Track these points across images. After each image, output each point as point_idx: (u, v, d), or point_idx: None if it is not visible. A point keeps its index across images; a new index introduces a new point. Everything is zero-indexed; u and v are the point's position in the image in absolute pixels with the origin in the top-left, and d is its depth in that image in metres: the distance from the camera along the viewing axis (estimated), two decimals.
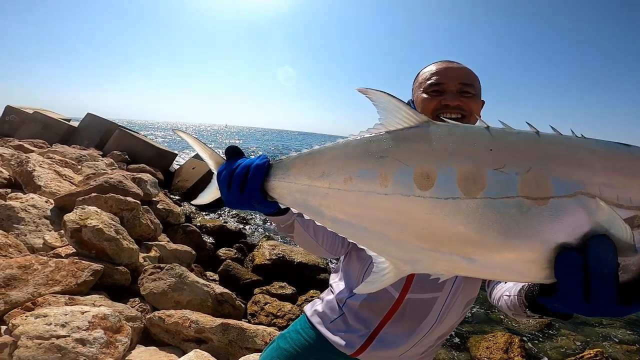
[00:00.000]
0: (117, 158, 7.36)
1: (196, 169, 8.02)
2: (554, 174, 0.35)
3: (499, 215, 0.37)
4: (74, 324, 1.35)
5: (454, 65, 0.88)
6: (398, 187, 0.43)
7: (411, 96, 0.96)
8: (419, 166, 0.42)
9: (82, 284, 1.88)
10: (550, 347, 3.84)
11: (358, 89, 0.52)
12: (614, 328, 4.39)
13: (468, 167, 0.39)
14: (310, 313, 0.97)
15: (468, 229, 0.38)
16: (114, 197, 3.14)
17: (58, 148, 6.08)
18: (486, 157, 0.38)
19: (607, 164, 0.35)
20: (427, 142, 0.43)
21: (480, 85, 0.91)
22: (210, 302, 2.57)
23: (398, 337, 0.85)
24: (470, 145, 0.40)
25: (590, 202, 0.34)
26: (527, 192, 0.36)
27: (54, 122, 9.31)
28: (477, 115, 0.88)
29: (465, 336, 3.81)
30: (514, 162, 0.37)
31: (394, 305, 0.84)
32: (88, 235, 2.39)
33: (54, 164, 4.44)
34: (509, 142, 0.38)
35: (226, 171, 0.65)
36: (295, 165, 0.57)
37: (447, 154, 0.40)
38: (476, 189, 0.38)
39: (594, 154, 0.36)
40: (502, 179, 0.37)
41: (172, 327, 1.93)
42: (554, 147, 0.37)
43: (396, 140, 0.46)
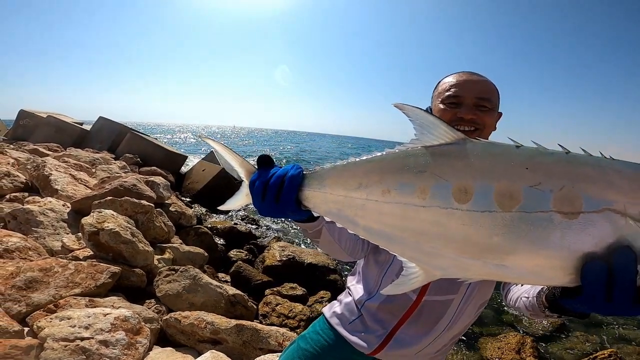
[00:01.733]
0: (129, 161, 7.48)
1: (206, 171, 8.11)
2: (585, 192, 0.39)
3: (533, 227, 0.40)
4: (97, 326, 1.38)
5: (474, 78, 0.90)
6: (436, 200, 0.45)
7: (430, 104, 0.98)
8: (457, 181, 0.44)
9: (100, 286, 1.93)
10: (563, 348, 3.80)
11: (395, 104, 0.53)
12: (626, 329, 4.33)
13: (505, 184, 0.42)
14: (329, 315, 1.00)
15: (503, 239, 0.41)
16: (129, 200, 3.20)
17: (72, 152, 6.22)
18: (522, 174, 0.41)
19: (632, 184, 0.39)
20: (464, 158, 0.45)
21: (499, 97, 0.92)
22: (224, 304, 2.59)
23: (414, 337, 0.88)
24: (507, 163, 0.43)
25: (616, 217, 0.38)
26: (560, 207, 0.39)
27: (67, 126, 9.51)
28: (492, 128, 0.91)
29: (476, 336, 3.79)
30: (548, 180, 0.40)
31: (411, 307, 0.87)
32: (105, 238, 2.44)
33: (70, 167, 4.54)
34: (544, 162, 0.42)
35: (259, 181, 0.65)
36: (331, 177, 0.59)
37: (485, 170, 0.43)
38: (512, 203, 0.41)
39: (620, 174, 0.39)
40: (536, 195, 0.40)
41: (188, 328, 1.96)
42: (585, 168, 0.40)
43: (434, 155, 0.48)
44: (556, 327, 4.08)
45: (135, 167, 7.35)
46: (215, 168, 8.00)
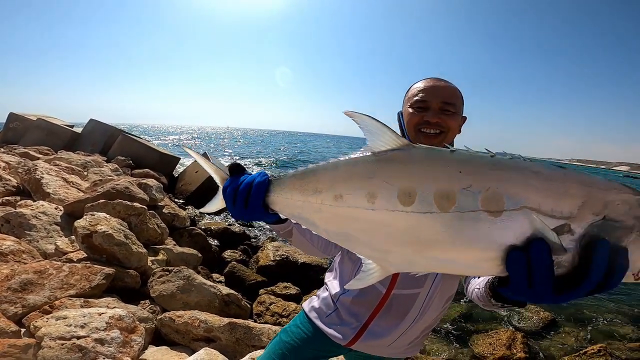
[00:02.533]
0: (121, 163, 7.44)
1: (199, 173, 8.10)
2: (506, 192, 0.45)
3: (466, 225, 0.46)
4: (93, 325, 1.42)
5: (440, 84, 0.97)
6: (384, 204, 0.51)
7: (402, 107, 1.05)
8: (402, 186, 0.50)
9: (95, 287, 1.96)
10: (553, 344, 3.85)
11: (345, 112, 0.59)
12: (616, 325, 4.41)
13: (443, 187, 0.47)
14: (308, 309, 1.08)
15: (443, 236, 0.48)
16: (122, 203, 3.22)
17: (63, 155, 6.18)
18: (457, 178, 0.47)
19: (546, 184, 0.45)
20: (408, 164, 0.51)
21: (463, 102, 1.00)
22: (217, 303, 2.64)
23: (386, 329, 0.95)
24: (444, 168, 0.48)
25: (532, 214, 0.44)
26: (487, 206, 0.45)
27: (58, 129, 9.41)
28: (456, 132, 0.99)
29: (468, 333, 3.84)
30: (477, 183, 0.46)
31: (381, 300, 0.95)
32: (99, 241, 2.47)
33: (61, 171, 4.53)
34: (474, 166, 0.48)
35: (230, 188, 0.71)
36: (292, 183, 0.64)
37: (426, 175, 0.49)
38: (449, 205, 0.47)
39: (536, 175, 0.45)
40: (468, 196, 0.46)
41: (182, 327, 2.00)
42: (507, 170, 0.46)
43: (381, 162, 0.53)
44: (546, 323, 4.16)
45: (128, 169, 7.31)
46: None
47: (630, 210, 0.44)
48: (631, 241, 0.44)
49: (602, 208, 0.44)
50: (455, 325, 3.99)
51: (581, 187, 0.44)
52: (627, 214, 0.43)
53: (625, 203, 0.44)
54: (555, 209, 0.43)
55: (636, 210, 0.44)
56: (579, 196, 0.44)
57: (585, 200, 0.44)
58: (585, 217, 0.43)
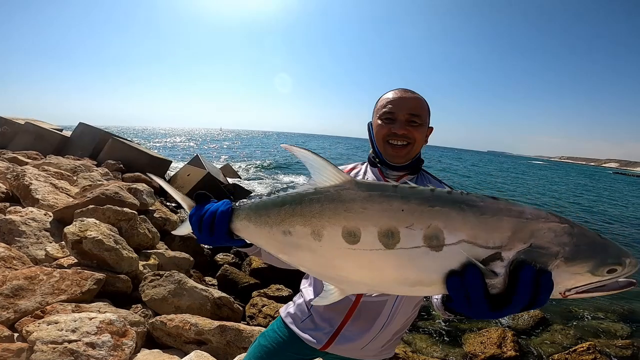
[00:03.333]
0: (111, 167, 7.38)
1: (191, 176, 8.09)
2: (445, 228, 0.50)
3: (412, 259, 0.51)
4: (84, 329, 1.45)
5: (407, 95, 1.02)
6: (329, 242, 0.55)
7: (372, 118, 1.10)
8: (344, 225, 0.53)
9: (86, 293, 1.98)
10: (543, 342, 3.92)
11: (283, 146, 0.65)
12: (605, 322, 4.49)
13: (386, 226, 0.51)
14: (284, 315, 1.13)
15: (389, 270, 0.53)
16: (112, 208, 3.22)
17: (52, 159, 6.12)
18: (399, 217, 0.51)
19: (480, 219, 0.50)
20: (351, 203, 0.54)
21: (429, 113, 1.05)
22: (209, 306, 2.66)
23: (357, 333, 1.00)
24: (387, 207, 0.52)
25: (468, 245, 0.49)
26: (429, 242, 0.50)
27: (47, 133, 9.30)
28: (423, 142, 1.04)
29: (460, 332, 3.89)
30: (418, 221, 0.51)
31: (352, 307, 0.99)
32: (89, 246, 2.48)
33: (50, 176, 4.50)
34: (414, 204, 0.51)
35: (195, 216, 0.76)
36: (248, 215, 0.69)
37: (369, 215, 0.53)
38: (394, 242, 0.51)
39: (472, 209, 0.50)
40: (410, 234, 0.51)
41: (174, 330, 2.03)
42: (446, 206, 0.51)
43: (324, 200, 0.56)
44: (537, 321, 4.22)
45: (119, 173, 7.26)
46: (200, 172, 8.00)
47: (555, 237, 0.49)
48: (555, 265, 0.50)
49: (529, 237, 0.49)
50: (446, 324, 4.04)
51: (511, 219, 0.49)
52: (552, 241, 0.49)
53: (551, 231, 0.49)
54: (489, 240, 0.49)
55: (561, 238, 0.49)
56: (509, 228, 0.49)
57: (515, 230, 0.49)
58: (514, 245, 0.49)
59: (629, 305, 5.07)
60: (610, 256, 0.50)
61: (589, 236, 0.51)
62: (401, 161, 1.04)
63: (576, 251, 0.49)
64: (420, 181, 1.09)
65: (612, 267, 0.50)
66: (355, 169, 1.16)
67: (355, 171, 1.15)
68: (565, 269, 0.50)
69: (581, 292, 0.53)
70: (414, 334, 3.78)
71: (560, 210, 13.72)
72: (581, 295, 0.53)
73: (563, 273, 0.50)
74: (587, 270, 0.50)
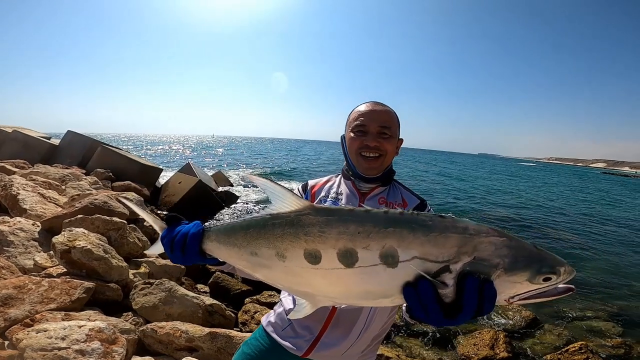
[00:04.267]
0: (101, 176, 7.30)
1: (183, 183, 8.05)
2: (399, 247, 0.55)
3: (371, 276, 0.57)
4: (73, 336, 1.45)
5: (377, 108, 1.07)
6: (293, 263, 0.60)
7: (344, 132, 1.14)
8: (305, 248, 0.59)
9: (75, 301, 1.98)
10: (535, 342, 3.95)
11: (246, 175, 0.73)
12: (596, 322, 4.55)
13: (344, 247, 0.57)
14: (266, 324, 1.16)
15: (351, 287, 0.59)
16: (100, 218, 3.21)
17: (40, 168, 6.04)
18: (356, 239, 0.56)
19: (430, 237, 0.55)
20: (310, 227, 0.59)
21: (399, 125, 1.10)
22: (201, 313, 2.67)
23: (337, 339, 1.03)
24: (344, 230, 0.57)
25: (419, 261, 0.55)
26: (385, 261, 0.56)
27: (35, 141, 9.16)
28: (394, 154, 1.10)
29: (453, 334, 3.91)
30: (374, 242, 0.56)
31: (329, 315, 1.03)
32: (77, 256, 2.47)
33: (38, 186, 4.45)
34: (370, 226, 0.57)
35: (167, 238, 0.80)
36: (217, 237, 0.74)
37: (328, 237, 0.58)
38: (353, 261, 0.57)
39: (422, 228, 0.56)
40: (367, 254, 0.56)
41: (165, 337, 2.04)
42: (398, 226, 0.56)
43: (285, 225, 0.62)
44: (528, 322, 4.26)
45: (108, 182, 7.18)
46: (191, 180, 7.96)
47: (496, 250, 0.55)
48: (497, 275, 0.55)
49: (473, 250, 0.54)
50: (439, 328, 4.09)
51: (456, 235, 0.55)
52: (492, 253, 0.55)
53: (492, 244, 0.55)
54: (438, 255, 0.55)
55: (501, 251, 0.55)
56: (455, 243, 0.55)
57: (460, 245, 0.55)
58: (460, 258, 0.55)
59: (619, 305, 5.16)
60: (545, 265, 0.56)
61: (526, 248, 0.57)
62: (374, 173, 1.08)
63: (515, 262, 0.55)
64: (392, 192, 1.13)
65: (547, 275, 0.56)
66: (330, 181, 1.19)
67: (329, 184, 1.18)
68: (506, 278, 0.55)
69: (524, 298, 0.58)
70: (407, 338, 3.79)
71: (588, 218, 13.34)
72: (525, 301, 0.58)
73: (504, 282, 0.55)
74: (526, 279, 0.55)
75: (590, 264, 7.25)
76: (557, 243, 8.81)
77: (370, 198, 1.11)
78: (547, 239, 9.15)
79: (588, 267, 6.99)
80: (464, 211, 12.56)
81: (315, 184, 1.20)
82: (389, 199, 1.11)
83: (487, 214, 12.20)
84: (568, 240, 9.31)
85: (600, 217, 13.81)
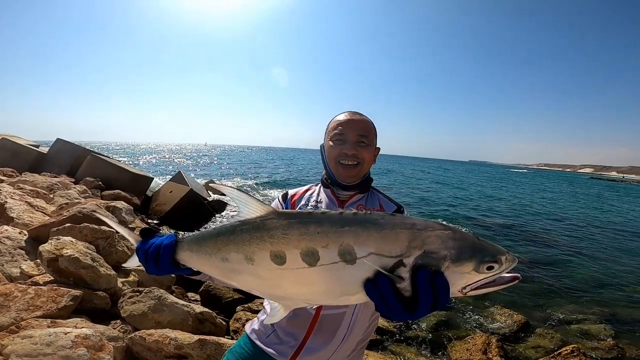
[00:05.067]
0: (90, 185, 7.21)
1: (174, 192, 7.98)
2: (355, 244, 0.58)
3: (333, 273, 0.60)
4: (59, 343, 1.43)
5: (355, 117, 1.11)
6: (261, 265, 0.64)
7: (323, 141, 1.17)
8: (271, 250, 0.62)
9: (62, 309, 1.95)
10: (528, 346, 3.96)
11: (214, 185, 0.73)
12: (588, 325, 4.57)
13: (306, 247, 0.60)
14: (249, 331, 1.16)
15: (316, 285, 0.62)
16: (89, 226, 3.18)
17: (28, 177, 5.96)
18: (316, 239, 0.60)
19: (382, 233, 0.58)
20: (274, 230, 0.63)
21: (376, 134, 1.14)
22: (191, 321, 2.64)
23: (321, 345, 1.04)
24: (305, 231, 0.61)
25: (376, 257, 0.58)
26: (343, 258, 0.59)
27: (23, 149, 9.03)
28: (371, 162, 1.13)
29: (446, 339, 3.94)
30: (332, 241, 0.59)
31: (312, 320, 1.05)
32: (65, 264, 2.44)
33: (25, 194, 4.39)
34: (327, 227, 0.60)
35: (141, 250, 0.83)
36: (190, 247, 0.77)
37: (290, 239, 0.61)
38: (314, 260, 0.60)
39: (375, 226, 0.58)
40: (327, 252, 0.59)
41: (153, 345, 2.02)
42: (353, 225, 0.59)
43: (252, 230, 0.65)
44: (520, 325, 4.28)
45: (97, 190, 7.10)
46: (183, 189, 7.90)
47: (442, 243, 0.57)
48: (446, 267, 0.57)
49: (422, 244, 0.57)
50: (432, 332, 4.09)
51: (406, 230, 0.58)
52: (440, 246, 0.57)
53: (439, 238, 0.58)
54: (392, 251, 0.58)
55: (447, 243, 0.58)
56: (405, 238, 0.57)
57: (410, 240, 0.57)
58: (412, 253, 0.57)
59: (611, 307, 5.21)
60: (487, 255, 0.58)
61: (469, 239, 0.60)
62: (352, 180, 1.11)
63: (460, 253, 0.57)
64: (370, 199, 1.16)
65: (489, 264, 0.58)
66: (310, 190, 1.22)
67: (309, 192, 1.21)
68: (454, 269, 0.57)
69: (475, 288, 0.60)
70: (400, 344, 3.79)
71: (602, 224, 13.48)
72: (477, 291, 0.61)
73: (454, 273, 0.58)
74: (472, 268, 0.58)
75: (581, 267, 7.35)
76: (551, 247, 8.90)
77: (349, 205, 1.13)
78: (546, 244, 9.24)
79: (580, 270, 7.08)
80: (467, 217, 12.62)
81: (295, 193, 1.22)
82: (367, 205, 1.14)
83: (487, 221, 12.24)
84: (562, 244, 9.44)
85: (593, 222, 14.05)
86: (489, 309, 4.75)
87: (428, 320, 4.32)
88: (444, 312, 4.53)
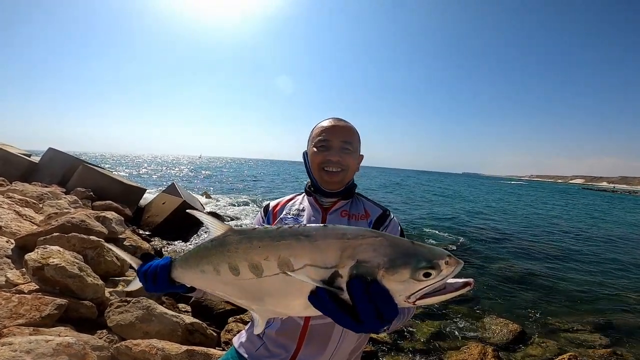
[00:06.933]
0: (81, 195, 7.11)
1: (167, 204, 7.90)
2: (292, 257, 0.59)
3: (275, 283, 0.62)
4: (39, 350, 1.39)
5: (340, 124, 1.10)
6: (225, 276, 0.69)
7: (307, 147, 1.16)
8: (229, 263, 0.67)
9: (46, 317, 1.89)
10: (524, 355, 3.92)
11: (188, 211, 0.84)
12: (584, 333, 4.55)
13: (252, 260, 0.64)
14: (238, 345, 1.13)
15: (268, 295, 0.65)
16: (77, 236, 3.14)
17: (18, 186, 5.86)
18: (259, 252, 0.63)
19: (315, 245, 0.58)
20: (229, 245, 0.68)
21: (360, 141, 1.14)
22: (181, 332, 2.58)
23: (313, 356, 1.01)
24: (251, 246, 0.64)
25: (311, 269, 0.58)
26: (283, 269, 0.60)
27: (14, 158, 8.91)
28: (355, 169, 1.13)
29: (441, 350, 3.88)
30: (272, 254, 0.61)
31: (302, 331, 1.02)
32: (51, 273, 2.39)
33: (14, 203, 4.32)
34: (266, 241, 0.63)
35: (141, 272, 0.92)
36: (180, 265, 0.85)
37: (241, 253, 0.66)
38: (259, 272, 0.63)
39: (307, 238, 0.59)
40: (269, 264, 0.62)
41: (140, 355, 1.96)
42: (288, 239, 0.61)
43: (217, 245, 0.71)
44: (516, 335, 4.24)
45: (89, 201, 7.00)
46: (176, 201, 7.83)
47: (374, 251, 0.55)
48: (381, 275, 0.54)
49: (354, 253, 0.55)
50: (427, 342, 4.03)
51: (337, 240, 0.57)
52: (372, 254, 0.55)
53: (370, 246, 0.56)
54: (326, 262, 0.57)
55: (379, 250, 0.55)
56: (337, 248, 0.56)
57: (342, 250, 0.56)
58: (346, 263, 0.56)
59: (607, 315, 5.20)
60: (421, 260, 0.53)
61: (401, 245, 0.56)
62: (336, 187, 1.10)
63: (393, 260, 0.54)
64: (354, 205, 1.15)
65: (426, 270, 0.53)
66: (293, 199, 1.21)
67: (292, 202, 1.20)
68: (390, 277, 0.54)
69: (421, 297, 0.55)
70: (395, 355, 3.74)
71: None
72: (426, 300, 0.56)
73: (391, 282, 0.54)
74: (409, 276, 0.53)
75: (577, 275, 7.37)
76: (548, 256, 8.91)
77: (333, 212, 1.11)
78: (545, 253, 9.24)
79: (575, 278, 7.09)
80: (489, 229, 12.55)
81: (277, 203, 1.21)
82: (352, 211, 1.11)
83: (492, 232, 12.20)
84: (558, 252, 9.47)
85: (588, 231, 14.13)
86: (484, 319, 4.72)
87: (423, 330, 4.27)
88: (438, 322, 4.50)
